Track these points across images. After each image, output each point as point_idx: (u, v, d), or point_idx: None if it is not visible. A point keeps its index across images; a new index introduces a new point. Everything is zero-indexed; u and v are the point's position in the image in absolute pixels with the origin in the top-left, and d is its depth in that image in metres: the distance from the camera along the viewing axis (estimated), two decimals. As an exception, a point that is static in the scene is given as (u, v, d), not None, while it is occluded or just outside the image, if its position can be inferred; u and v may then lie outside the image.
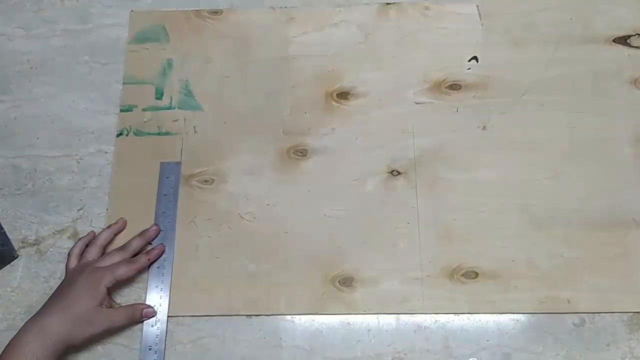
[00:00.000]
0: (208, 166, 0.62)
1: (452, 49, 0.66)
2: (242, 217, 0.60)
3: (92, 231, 0.60)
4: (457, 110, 0.64)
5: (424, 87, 0.65)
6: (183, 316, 0.57)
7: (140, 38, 0.68)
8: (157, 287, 0.58)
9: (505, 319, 0.57)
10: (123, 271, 0.55)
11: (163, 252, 0.59)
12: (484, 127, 0.63)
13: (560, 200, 0.60)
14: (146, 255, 0.58)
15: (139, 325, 0.57)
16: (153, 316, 0.57)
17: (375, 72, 0.65)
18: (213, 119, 0.64)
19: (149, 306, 0.57)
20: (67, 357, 0.56)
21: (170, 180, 0.61)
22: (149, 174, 0.62)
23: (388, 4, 0.68)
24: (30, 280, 0.59)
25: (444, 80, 0.65)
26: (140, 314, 0.56)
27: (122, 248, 0.58)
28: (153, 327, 0.56)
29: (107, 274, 0.54)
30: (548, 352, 0.55)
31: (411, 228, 0.59)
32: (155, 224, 0.60)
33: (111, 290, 0.56)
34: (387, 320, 0.57)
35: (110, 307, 0.55)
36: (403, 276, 0.58)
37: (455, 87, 0.64)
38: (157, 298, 0.57)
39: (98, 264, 0.56)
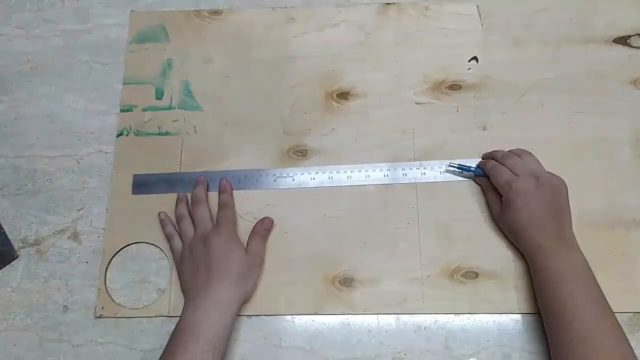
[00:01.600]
0: (208, 166, 0.62)
1: (452, 49, 0.66)
2: (242, 217, 0.60)
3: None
4: (457, 110, 0.64)
5: (424, 87, 0.65)
6: (183, 316, 0.57)
7: (140, 38, 0.68)
8: None
9: (505, 319, 0.57)
10: (230, 212, 0.58)
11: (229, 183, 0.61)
12: (484, 127, 0.63)
13: (560, 200, 0.60)
14: (224, 194, 0.60)
15: (139, 326, 0.57)
16: (272, 223, 0.60)
17: (375, 72, 0.65)
18: (213, 119, 0.64)
19: (265, 218, 0.59)
20: (63, 358, 0.56)
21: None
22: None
23: (388, 4, 0.68)
24: (30, 280, 0.59)
25: (444, 81, 0.65)
26: (264, 231, 0.59)
27: (198, 201, 0.59)
28: None
29: (227, 224, 0.57)
30: (548, 353, 0.55)
31: (411, 228, 0.59)
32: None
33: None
34: (387, 321, 0.57)
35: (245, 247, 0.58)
36: (403, 276, 0.58)
37: (455, 87, 0.64)
38: None
39: (207, 228, 0.57)
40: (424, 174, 0.61)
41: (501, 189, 0.56)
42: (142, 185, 0.62)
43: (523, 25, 0.66)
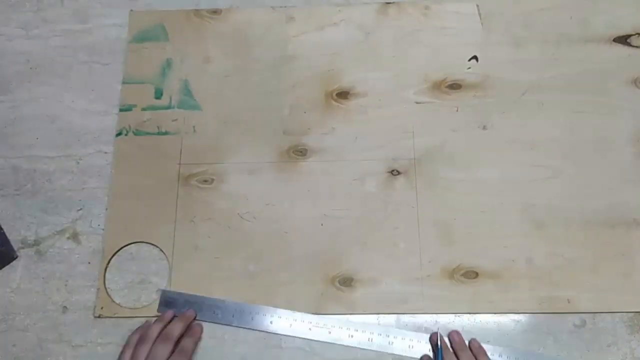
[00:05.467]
0: (207, 166, 0.62)
1: (452, 48, 0.66)
2: (241, 217, 0.60)
3: (148, 321, 0.57)
4: (457, 110, 0.64)
5: (424, 87, 0.65)
6: (183, 316, 0.57)
7: (140, 38, 0.68)
8: None
9: (505, 319, 0.57)
10: None
11: (202, 330, 0.57)
12: (484, 127, 0.63)
13: (560, 200, 0.60)
14: (191, 339, 0.55)
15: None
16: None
17: (375, 72, 0.65)
18: (212, 118, 0.64)
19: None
20: (63, 359, 0.56)
21: None
22: (148, 173, 0.62)
23: (388, 3, 0.68)
24: (30, 281, 0.59)
25: (444, 80, 0.65)
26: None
27: (166, 339, 0.53)
28: None
29: None
30: (548, 353, 0.55)
31: (411, 228, 0.59)
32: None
33: None
34: (387, 320, 0.57)
35: None
36: (403, 276, 0.58)
37: (455, 86, 0.64)
38: None
39: None
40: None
41: None
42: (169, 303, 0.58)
43: (523, 25, 0.66)
